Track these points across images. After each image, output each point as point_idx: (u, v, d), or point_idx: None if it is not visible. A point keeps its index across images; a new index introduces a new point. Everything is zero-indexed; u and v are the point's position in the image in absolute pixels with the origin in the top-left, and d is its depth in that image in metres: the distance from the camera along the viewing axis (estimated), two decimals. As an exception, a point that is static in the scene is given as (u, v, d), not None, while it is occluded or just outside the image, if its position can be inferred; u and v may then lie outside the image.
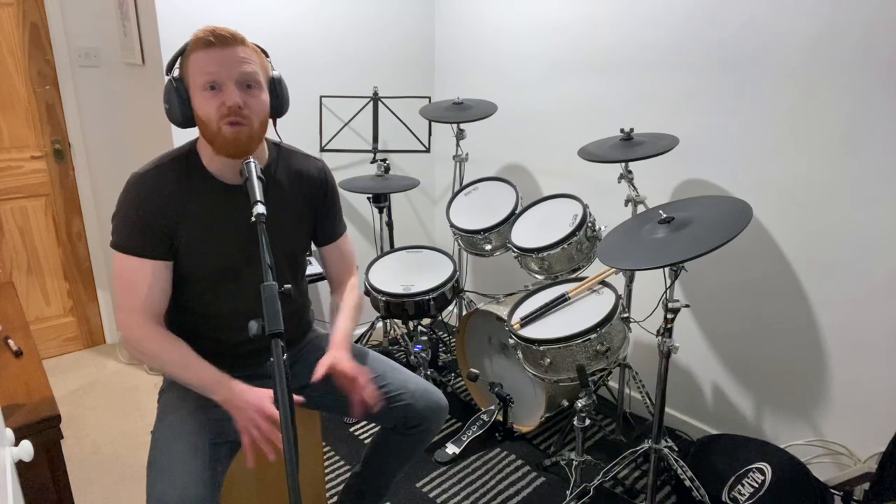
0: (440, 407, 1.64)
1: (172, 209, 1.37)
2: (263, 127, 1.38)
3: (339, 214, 1.66)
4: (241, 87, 1.31)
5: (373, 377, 1.57)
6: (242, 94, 1.31)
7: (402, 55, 3.10)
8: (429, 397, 1.61)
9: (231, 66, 1.29)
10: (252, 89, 1.32)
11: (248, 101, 1.31)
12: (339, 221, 1.67)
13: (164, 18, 2.38)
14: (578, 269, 2.22)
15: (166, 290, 1.40)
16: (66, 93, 2.82)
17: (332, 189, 1.62)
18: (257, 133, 1.35)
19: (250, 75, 1.31)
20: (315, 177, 1.56)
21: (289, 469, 0.98)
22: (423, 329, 2.53)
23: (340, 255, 1.68)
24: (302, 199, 1.54)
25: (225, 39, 1.28)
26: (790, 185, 2.04)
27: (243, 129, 1.31)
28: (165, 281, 1.40)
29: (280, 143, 1.58)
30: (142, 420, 2.57)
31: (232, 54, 1.29)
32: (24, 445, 1.06)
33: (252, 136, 1.34)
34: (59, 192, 2.93)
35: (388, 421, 1.63)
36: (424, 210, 3.44)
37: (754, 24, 2.02)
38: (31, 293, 2.98)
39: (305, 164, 1.56)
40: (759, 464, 1.93)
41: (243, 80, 1.30)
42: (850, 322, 1.97)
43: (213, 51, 1.28)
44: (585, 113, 2.58)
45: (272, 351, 1.05)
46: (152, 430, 1.41)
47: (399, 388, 1.59)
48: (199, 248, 1.40)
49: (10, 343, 1.67)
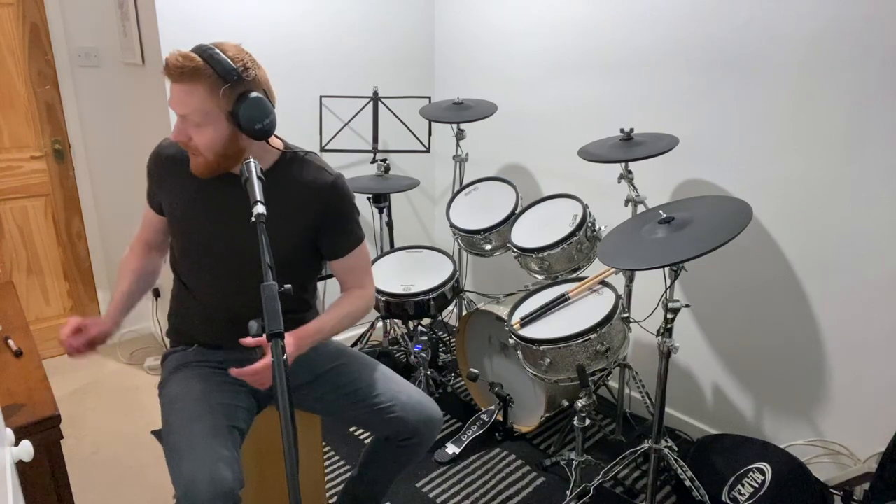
0: (432, 420, 1.59)
1: (167, 179, 1.53)
2: (221, 156, 1.40)
3: (350, 231, 1.56)
4: (184, 121, 1.36)
5: (363, 387, 1.57)
6: (187, 128, 1.36)
7: (402, 55, 3.10)
8: (421, 410, 1.57)
9: (173, 101, 1.35)
10: (198, 125, 1.35)
11: (193, 135, 1.36)
12: (349, 238, 1.56)
13: (164, 18, 2.38)
14: (578, 269, 2.22)
15: (159, 232, 1.64)
16: (66, 93, 2.82)
17: (340, 204, 1.53)
18: (214, 163, 1.40)
19: (187, 117, 1.35)
20: (320, 189, 1.50)
21: (289, 469, 0.99)
22: (423, 329, 2.53)
23: (349, 270, 1.59)
24: (299, 209, 1.49)
25: (172, 75, 1.32)
26: (790, 185, 2.04)
27: (198, 159, 1.40)
28: (157, 225, 1.63)
29: (298, 150, 1.54)
30: (142, 420, 2.57)
31: (176, 91, 1.34)
32: (24, 445, 1.06)
33: (209, 165, 1.40)
34: (59, 192, 2.93)
35: (380, 432, 1.62)
36: (424, 210, 3.44)
37: (754, 24, 2.02)
38: (31, 293, 2.98)
39: (314, 176, 1.50)
40: (759, 464, 1.93)
41: (182, 116, 1.36)
42: (850, 322, 1.97)
43: (169, 82, 1.34)
44: (585, 113, 2.58)
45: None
46: (159, 425, 1.43)
47: (390, 400, 1.55)
48: (180, 218, 1.53)
49: (10, 343, 1.67)
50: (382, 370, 1.64)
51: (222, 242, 1.49)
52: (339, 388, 1.58)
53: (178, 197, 1.52)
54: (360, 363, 1.63)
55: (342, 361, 1.63)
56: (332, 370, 1.61)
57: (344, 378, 1.59)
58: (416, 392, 1.60)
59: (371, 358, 1.68)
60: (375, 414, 1.55)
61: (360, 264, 1.60)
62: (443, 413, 1.64)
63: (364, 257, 1.61)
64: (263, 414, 1.62)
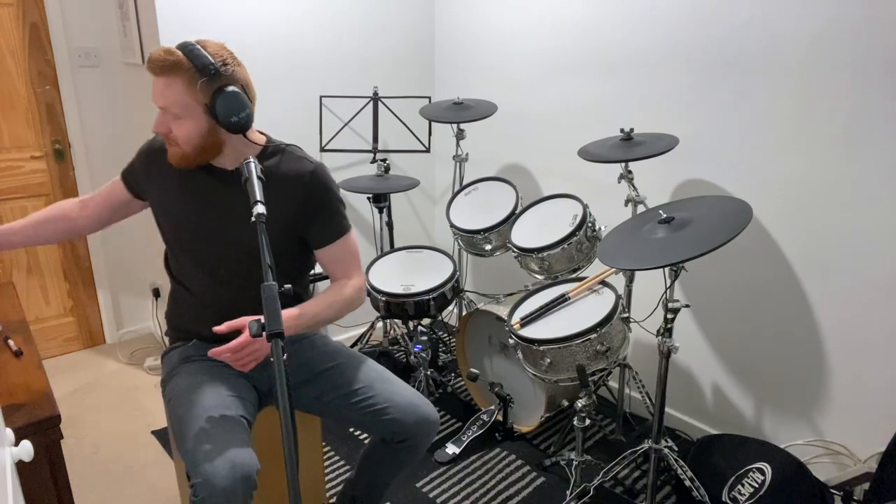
0: (428, 422, 1.57)
1: (154, 170, 1.57)
2: (199, 149, 1.46)
3: (334, 218, 1.58)
4: (165, 114, 1.43)
5: (360, 387, 1.57)
6: (167, 121, 1.43)
7: (402, 55, 3.10)
8: (416, 412, 1.55)
9: (155, 96, 1.41)
10: (177, 117, 1.41)
11: (173, 128, 1.43)
12: (332, 227, 1.58)
13: (164, 18, 2.38)
14: (578, 269, 2.22)
15: (109, 205, 1.67)
16: (66, 93, 2.82)
17: (321, 192, 1.55)
18: (192, 154, 1.46)
19: (165, 109, 1.41)
20: (301, 178, 1.52)
21: (289, 469, 0.99)
22: (423, 329, 2.53)
23: (335, 260, 1.60)
24: (282, 200, 1.50)
25: (153, 68, 1.38)
26: (790, 185, 2.04)
27: (176, 150, 1.46)
28: (115, 199, 1.67)
29: (279, 143, 1.57)
30: (142, 420, 2.57)
31: (157, 85, 1.40)
32: (24, 445, 1.06)
33: (186, 156, 1.46)
34: (59, 192, 2.93)
35: (376, 433, 1.62)
36: (424, 210, 3.44)
37: (754, 24, 2.02)
38: (31, 293, 2.98)
39: (294, 166, 1.53)
40: (759, 464, 1.93)
41: (162, 109, 1.42)
42: (850, 322, 1.97)
43: (152, 76, 1.40)
44: (585, 113, 2.58)
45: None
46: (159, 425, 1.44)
47: (385, 402, 1.55)
48: (168, 209, 1.57)
49: (10, 343, 1.67)
50: (380, 371, 1.63)
51: (210, 233, 1.53)
52: (337, 388, 1.58)
53: (165, 189, 1.56)
54: (358, 363, 1.63)
55: (339, 361, 1.62)
56: (330, 369, 1.61)
57: (341, 378, 1.59)
58: (412, 394, 1.59)
59: (369, 358, 1.68)
60: (371, 415, 1.55)
61: (347, 255, 1.61)
62: (443, 413, 1.63)
63: (351, 248, 1.62)
64: (263, 414, 1.62)
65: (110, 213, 1.68)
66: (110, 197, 1.67)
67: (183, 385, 1.48)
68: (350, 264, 1.62)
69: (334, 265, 1.61)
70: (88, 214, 1.67)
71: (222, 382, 1.48)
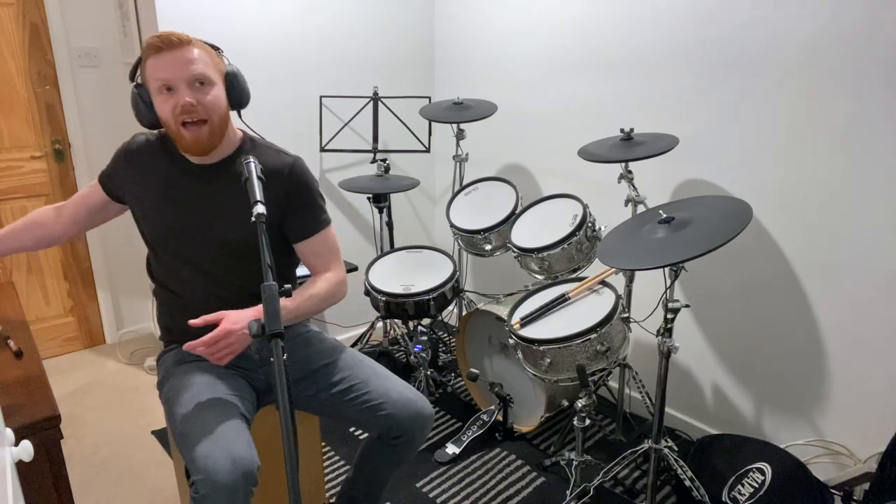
0: (423, 417, 1.58)
1: (134, 171, 1.55)
2: (223, 121, 1.47)
3: (314, 212, 1.58)
4: (192, 86, 1.40)
5: (355, 384, 1.57)
6: (195, 93, 1.40)
7: (402, 55, 3.10)
8: (411, 407, 1.56)
9: (180, 67, 1.38)
10: (204, 87, 1.41)
11: (201, 99, 1.41)
12: (311, 219, 1.58)
13: (164, 18, 2.38)
14: (578, 269, 2.22)
15: (87, 211, 1.64)
16: (66, 93, 2.82)
17: (300, 185, 1.55)
18: (218, 128, 1.45)
19: (199, 74, 1.40)
20: (280, 172, 1.53)
21: (289, 469, 0.99)
22: (423, 329, 2.53)
23: (314, 254, 1.60)
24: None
25: (172, 43, 1.38)
26: (790, 185, 2.04)
27: (203, 127, 1.42)
28: (92, 203, 1.63)
29: (256, 138, 1.59)
30: (142, 420, 2.57)
31: (180, 56, 1.38)
32: (24, 445, 1.06)
33: (213, 132, 1.44)
34: (59, 192, 2.93)
35: (371, 429, 1.62)
36: (424, 210, 3.44)
37: (754, 24, 2.02)
38: (31, 293, 2.98)
39: (273, 159, 1.54)
40: (759, 464, 1.93)
41: (193, 79, 1.40)
42: (850, 322, 1.97)
43: (164, 55, 1.38)
44: (585, 113, 2.58)
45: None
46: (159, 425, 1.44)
47: (380, 398, 1.55)
48: (146, 209, 1.55)
49: (10, 343, 1.67)
50: (375, 367, 1.64)
51: (195, 232, 1.52)
52: (333, 386, 1.58)
53: (147, 189, 1.54)
54: (354, 360, 1.63)
55: (335, 358, 1.63)
56: (326, 367, 1.61)
57: (337, 375, 1.59)
58: (407, 389, 1.59)
59: (364, 355, 1.68)
60: (366, 411, 1.55)
61: (327, 248, 1.61)
62: (443, 413, 1.63)
63: (331, 242, 1.62)
64: (263, 413, 1.62)
65: (86, 217, 1.65)
66: (86, 201, 1.64)
67: (180, 386, 1.48)
68: (330, 258, 1.62)
69: (314, 259, 1.61)
70: (64, 220, 1.64)
71: (220, 382, 1.48)
